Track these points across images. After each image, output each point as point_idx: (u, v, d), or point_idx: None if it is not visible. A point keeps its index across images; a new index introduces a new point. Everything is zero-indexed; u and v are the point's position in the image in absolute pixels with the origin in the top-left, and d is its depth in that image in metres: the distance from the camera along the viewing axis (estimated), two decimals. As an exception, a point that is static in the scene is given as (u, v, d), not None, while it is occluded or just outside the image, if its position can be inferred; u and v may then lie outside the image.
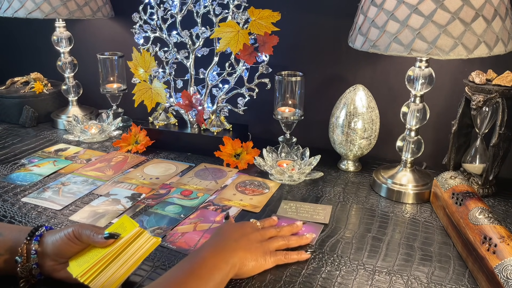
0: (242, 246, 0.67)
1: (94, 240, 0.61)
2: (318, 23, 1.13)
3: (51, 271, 0.62)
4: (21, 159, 1.09)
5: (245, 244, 0.68)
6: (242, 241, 0.68)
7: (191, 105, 1.12)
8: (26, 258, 0.61)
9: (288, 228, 0.77)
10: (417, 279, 0.67)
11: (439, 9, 0.71)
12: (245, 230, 0.71)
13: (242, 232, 0.70)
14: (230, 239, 0.67)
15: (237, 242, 0.67)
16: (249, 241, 0.69)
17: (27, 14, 1.15)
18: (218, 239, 0.67)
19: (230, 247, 0.65)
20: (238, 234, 0.69)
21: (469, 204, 0.75)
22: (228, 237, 0.68)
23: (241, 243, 0.67)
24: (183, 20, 1.10)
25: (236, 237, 0.68)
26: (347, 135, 1.00)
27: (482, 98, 0.85)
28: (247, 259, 0.66)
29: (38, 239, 0.63)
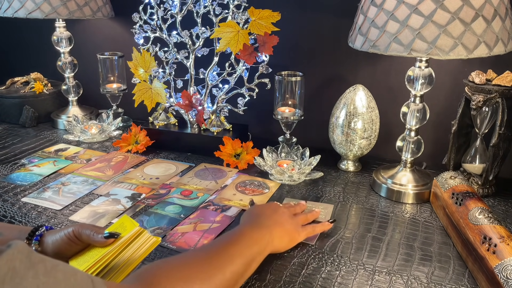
0: (277, 222, 0.71)
1: (94, 239, 0.61)
2: (318, 23, 1.13)
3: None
4: (21, 159, 1.09)
5: (279, 220, 0.72)
6: (276, 217, 0.72)
7: (191, 105, 1.12)
8: None
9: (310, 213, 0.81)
10: (417, 279, 0.67)
11: (439, 9, 0.71)
12: (275, 207, 0.76)
13: (273, 209, 0.75)
14: (264, 216, 0.71)
15: (272, 218, 0.71)
16: (282, 217, 0.73)
17: (27, 14, 1.15)
18: (253, 217, 0.71)
19: (266, 224, 0.69)
20: (270, 211, 0.73)
21: (469, 204, 0.75)
22: (262, 214, 0.72)
23: (275, 219, 0.72)
24: (183, 20, 1.10)
25: (269, 213, 0.73)
26: (347, 135, 1.00)
27: (482, 98, 0.85)
28: (282, 234, 0.70)
29: (38, 239, 0.63)
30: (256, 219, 0.71)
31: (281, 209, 0.75)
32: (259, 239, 0.65)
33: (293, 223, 0.74)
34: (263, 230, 0.67)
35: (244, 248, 0.62)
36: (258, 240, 0.65)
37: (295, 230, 0.73)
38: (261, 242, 0.65)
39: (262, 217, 0.71)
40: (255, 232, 0.66)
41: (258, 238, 0.65)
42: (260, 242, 0.65)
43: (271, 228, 0.69)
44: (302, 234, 0.74)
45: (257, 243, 0.64)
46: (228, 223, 0.82)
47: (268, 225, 0.69)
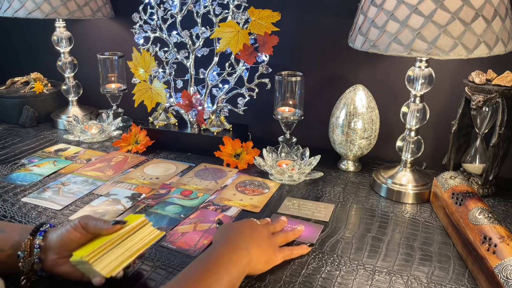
0: (254, 241, 0.66)
1: (101, 227, 0.62)
2: (318, 23, 1.13)
3: (53, 265, 0.62)
4: (21, 159, 1.09)
5: (257, 240, 0.67)
6: (254, 236, 0.68)
7: (191, 105, 1.12)
8: (29, 252, 0.62)
9: (291, 232, 0.77)
10: (417, 279, 0.67)
11: (439, 9, 0.71)
12: (253, 225, 0.71)
13: (251, 227, 0.70)
14: (243, 235, 0.67)
15: (251, 238, 0.67)
16: (260, 236, 0.69)
17: (27, 14, 1.15)
18: (229, 236, 0.67)
19: (244, 244, 0.65)
20: (247, 230, 0.69)
21: (469, 204, 0.75)
22: (239, 233, 0.67)
23: (253, 238, 0.67)
24: (183, 20, 1.10)
25: (247, 232, 0.68)
26: (347, 135, 1.00)
27: (482, 98, 0.85)
28: (260, 255, 0.66)
29: (43, 234, 0.63)
30: (233, 238, 0.66)
31: (259, 227, 0.71)
32: (237, 262, 0.61)
33: (271, 244, 0.69)
34: (241, 251, 0.63)
35: (223, 275, 0.57)
36: (237, 263, 0.61)
37: (273, 251, 0.69)
38: (239, 265, 0.61)
39: (239, 236, 0.66)
40: (233, 254, 0.62)
41: (236, 260, 0.61)
42: (238, 265, 0.61)
43: (249, 249, 0.64)
44: (279, 257, 0.69)
45: (235, 266, 0.60)
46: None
47: (246, 246, 0.64)
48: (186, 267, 0.59)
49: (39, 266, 0.62)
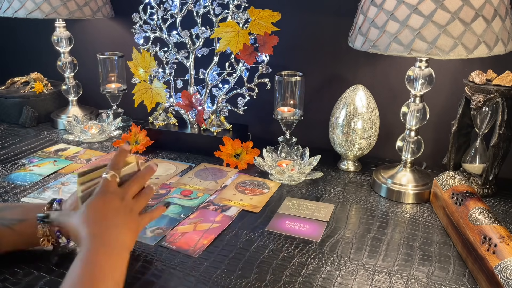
0: (126, 229, 0.63)
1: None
2: (318, 23, 1.13)
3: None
4: (21, 159, 1.09)
5: (127, 224, 0.63)
6: (123, 221, 0.63)
7: (191, 105, 1.12)
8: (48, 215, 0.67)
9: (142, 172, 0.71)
10: (417, 279, 0.67)
11: (439, 9, 0.71)
12: (112, 204, 0.64)
13: (113, 208, 0.63)
14: (111, 224, 0.61)
15: (118, 226, 0.62)
16: (126, 216, 0.64)
17: (27, 14, 1.15)
18: (99, 227, 0.60)
19: (117, 236, 0.61)
20: (112, 212, 0.63)
21: (469, 204, 0.75)
22: (107, 220, 0.62)
23: (124, 225, 0.63)
24: (183, 20, 1.10)
25: (112, 216, 0.62)
26: (347, 135, 1.00)
27: (482, 98, 0.85)
28: (133, 237, 0.64)
29: (59, 202, 0.70)
30: (106, 230, 0.60)
31: (121, 206, 0.64)
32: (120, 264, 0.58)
33: (136, 220, 0.66)
34: (118, 248, 0.60)
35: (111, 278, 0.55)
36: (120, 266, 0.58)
37: (136, 225, 0.65)
38: (123, 261, 0.59)
39: (110, 226, 0.61)
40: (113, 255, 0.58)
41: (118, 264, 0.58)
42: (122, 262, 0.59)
43: (125, 238, 0.62)
44: (141, 226, 0.67)
45: (121, 264, 0.58)
46: (228, 223, 0.82)
47: (120, 236, 0.61)
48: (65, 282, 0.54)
49: (56, 228, 0.67)
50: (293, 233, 0.79)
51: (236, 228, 0.81)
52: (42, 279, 0.65)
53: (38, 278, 0.65)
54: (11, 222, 0.67)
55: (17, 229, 0.67)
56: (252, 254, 0.73)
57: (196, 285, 0.65)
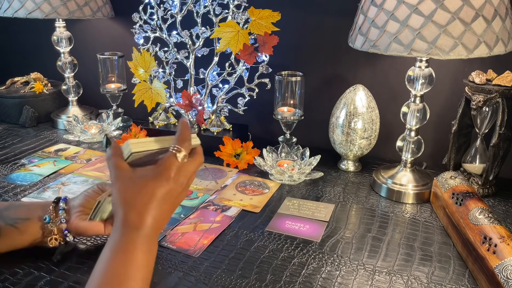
0: (169, 214, 0.58)
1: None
2: (318, 23, 1.12)
3: (77, 221, 0.68)
4: (21, 159, 1.09)
5: (175, 209, 0.59)
6: (167, 208, 0.57)
7: (191, 105, 1.12)
8: (55, 214, 0.68)
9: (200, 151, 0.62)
10: (417, 279, 0.67)
11: (439, 9, 0.71)
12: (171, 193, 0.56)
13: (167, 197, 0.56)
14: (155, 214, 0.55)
15: (162, 215, 0.56)
16: (174, 203, 0.58)
17: (27, 14, 1.15)
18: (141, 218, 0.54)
19: (157, 226, 0.56)
20: (163, 202, 0.56)
21: (469, 204, 0.75)
22: (153, 209, 0.55)
23: (167, 211, 0.57)
24: (183, 20, 1.10)
25: (160, 206, 0.56)
26: (347, 135, 1.00)
27: (482, 98, 0.85)
28: (168, 215, 0.59)
29: (66, 200, 0.70)
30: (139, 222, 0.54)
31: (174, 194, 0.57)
32: (151, 249, 0.55)
33: (178, 203, 0.59)
34: (154, 239, 0.55)
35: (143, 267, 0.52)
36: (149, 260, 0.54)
37: (182, 199, 0.59)
38: (153, 258, 0.55)
39: (146, 217, 0.54)
40: (152, 243, 0.55)
41: (149, 258, 0.54)
42: (152, 259, 0.55)
43: (161, 225, 0.56)
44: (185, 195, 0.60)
45: (150, 252, 0.54)
46: (228, 223, 0.82)
47: (162, 224, 0.56)
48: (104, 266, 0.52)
49: (64, 226, 0.67)
50: (293, 233, 0.79)
51: (236, 228, 0.81)
52: (42, 279, 0.65)
53: (38, 278, 0.65)
54: (15, 221, 0.67)
55: (21, 228, 0.67)
56: (252, 254, 0.73)
57: (196, 285, 0.65)
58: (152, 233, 0.55)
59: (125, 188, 0.56)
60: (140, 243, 0.53)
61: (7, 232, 0.66)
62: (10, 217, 0.67)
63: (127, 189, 0.56)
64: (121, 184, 0.56)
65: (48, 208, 0.68)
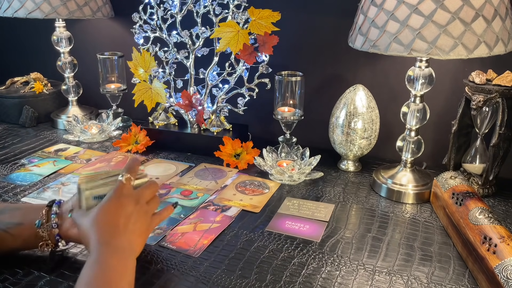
0: (137, 233, 0.63)
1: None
2: (318, 23, 1.12)
3: (68, 229, 0.67)
4: (21, 159, 1.09)
5: (139, 228, 0.64)
6: (135, 226, 0.63)
7: (191, 105, 1.12)
8: (47, 219, 0.67)
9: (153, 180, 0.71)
10: (417, 279, 0.67)
11: (439, 9, 0.71)
12: (126, 209, 0.63)
13: (126, 213, 0.63)
14: (122, 231, 0.61)
15: (130, 232, 0.62)
16: (138, 221, 0.64)
17: (27, 14, 1.15)
18: (110, 235, 0.60)
19: (128, 243, 0.61)
20: (125, 218, 0.62)
21: (469, 204, 0.75)
22: (118, 227, 0.61)
23: (136, 230, 0.63)
24: (183, 20, 1.10)
25: (124, 223, 0.62)
26: (347, 135, 1.00)
27: (482, 98, 0.85)
28: (143, 241, 0.65)
29: (59, 204, 0.69)
30: (120, 236, 0.60)
31: (130, 209, 0.63)
32: (128, 264, 0.58)
33: (149, 224, 0.66)
34: (127, 253, 0.59)
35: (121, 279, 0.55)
36: (128, 266, 0.58)
37: (147, 229, 0.66)
38: (131, 264, 0.59)
39: (115, 234, 0.60)
40: (122, 258, 0.58)
41: (128, 264, 0.58)
42: (130, 266, 0.58)
43: (137, 244, 0.63)
44: (151, 228, 0.68)
45: (131, 269, 0.58)
46: (228, 223, 0.82)
47: (133, 242, 0.62)
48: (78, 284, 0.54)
49: (56, 232, 0.66)
50: (293, 233, 0.79)
51: (236, 228, 0.81)
52: (42, 279, 0.65)
53: (38, 278, 0.65)
54: (7, 226, 0.66)
55: (13, 232, 0.66)
56: (252, 254, 0.73)
57: (196, 285, 0.65)
58: (126, 246, 0.60)
59: (90, 217, 0.62)
60: (114, 253, 0.58)
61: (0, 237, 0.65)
62: (3, 222, 0.66)
63: (93, 216, 0.62)
64: (86, 218, 0.62)
65: (41, 212, 0.67)
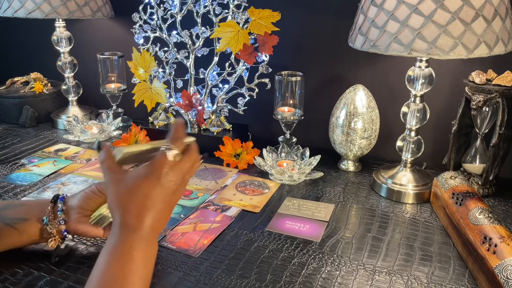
0: (168, 212, 0.59)
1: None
2: (318, 23, 1.12)
3: (75, 224, 0.67)
4: (21, 159, 1.09)
5: (172, 209, 0.59)
6: (170, 208, 0.58)
7: (191, 105, 1.12)
8: (54, 216, 0.67)
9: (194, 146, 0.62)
10: (417, 279, 0.67)
11: (439, 9, 0.71)
12: (164, 192, 0.56)
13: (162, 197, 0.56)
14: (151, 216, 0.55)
15: (164, 216, 0.57)
16: (171, 202, 0.58)
17: (27, 14, 1.15)
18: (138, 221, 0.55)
19: (155, 228, 0.56)
20: (159, 202, 0.56)
21: (469, 204, 0.75)
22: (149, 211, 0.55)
23: (168, 212, 0.58)
24: (183, 20, 1.10)
25: (157, 207, 0.56)
26: (347, 135, 1.00)
27: (482, 98, 0.85)
28: (170, 216, 0.60)
29: (63, 200, 0.68)
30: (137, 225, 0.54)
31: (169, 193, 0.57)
32: (149, 257, 0.55)
33: (175, 202, 0.59)
34: (149, 241, 0.55)
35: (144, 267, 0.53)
36: (148, 260, 0.55)
37: (175, 204, 0.60)
38: (151, 259, 0.56)
39: (146, 218, 0.55)
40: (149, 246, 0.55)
41: (152, 251, 0.56)
42: (150, 261, 0.55)
43: (160, 226, 0.57)
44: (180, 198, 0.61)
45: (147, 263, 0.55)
46: (228, 223, 0.82)
47: (157, 227, 0.56)
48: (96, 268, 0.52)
49: (63, 228, 0.67)
50: (293, 233, 0.79)
51: (236, 228, 0.81)
52: (42, 279, 0.65)
53: (38, 278, 0.65)
54: (13, 221, 0.66)
55: (19, 228, 0.66)
56: (252, 254, 0.73)
57: (196, 285, 0.65)
58: (150, 234, 0.56)
59: (118, 190, 0.56)
60: (137, 244, 0.54)
61: (5, 232, 0.66)
62: (8, 217, 0.66)
63: (121, 191, 0.56)
64: (115, 187, 0.57)
65: (46, 208, 0.67)
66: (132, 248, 0.53)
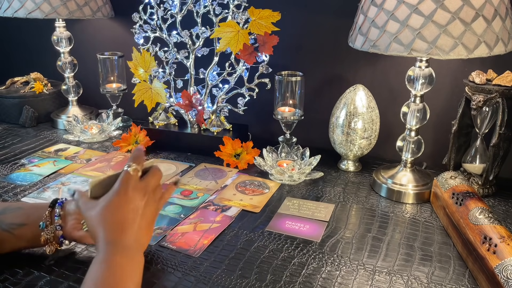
0: (145, 226, 0.62)
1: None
2: (318, 23, 1.12)
3: (72, 230, 0.67)
4: (21, 159, 1.09)
5: (146, 221, 0.62)
6: (143, 220, 0.61)
7: (191, 105, 1.12)
8: (50, 221, 0.67)
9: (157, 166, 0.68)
10: (417, 279, 0.67)
11: (439, 9, 0.71)
12: (133, 203, 0.60)
13: (134, 208, 0.60)
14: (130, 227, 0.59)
15: (137, 228, 0.60)
16: (148, 214, 0.62)
17: (27, 14, 1.15)
18: (117, 233, 0.58)
19: (136, 239, 0.60)
20: (132, 214, 0.60)
21: (469, 204, 0.75)
22: (126, 223, 0.59)
23: (144, 224, 0.61)
24: (183, 20, 1.10)
25: (132, 218, 0.60)
26: (347, 135, 1.00)
27: (482, 98, 0.85)
28: (151, 232, 0.64)
29: (61, 205, 0.69)
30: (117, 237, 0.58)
31: (138, 203, 0.61)
32: (139, 260, 0.59)
33: (155, 212, 0.64)
34: (138, 250, 0.60)
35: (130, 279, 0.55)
36: (140, 261, 0.58)
37: (156, 217, 0.65)
38: (141, 261, 0.59)
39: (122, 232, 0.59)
40: (135, 257, 0.58)
41: (137, 266, 0.58)
42: (141, 263, 0.59)
43: (147, 236, 0.62)
44: (157, 215, 0.65)
45: (139, 265, 0.58)
46: (228, 223, 0.82)
47: (143, 237, 0.61)
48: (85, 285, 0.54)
49: (60, 233, 0.67)
50: (293, 233, 0.79)
51: (236, 228, 0.81)
52: (42, 279, 0.65)
53: (38, 278, 0.65)
54: (10, 226, 0.66)
55: (16, 233, 0.66)
56: (252, 254, 0.73)
57: (196, 285, 0.65)
58: (134, 244, 0.59)
59: (96, 212, 0.60)
60: (121, 252, 0.57)
61: (2, 238, 0.66)
62: (6, 222, 0.66)
63: (98, 212, 0.60)
64: (92, 211, 0.61)
65: (44, 213, 0.67)
66: (118, 257, 0.56)
